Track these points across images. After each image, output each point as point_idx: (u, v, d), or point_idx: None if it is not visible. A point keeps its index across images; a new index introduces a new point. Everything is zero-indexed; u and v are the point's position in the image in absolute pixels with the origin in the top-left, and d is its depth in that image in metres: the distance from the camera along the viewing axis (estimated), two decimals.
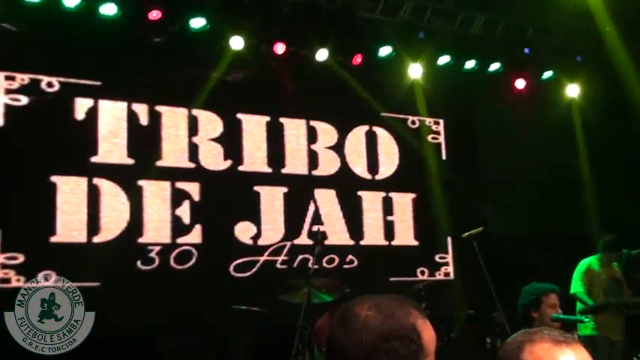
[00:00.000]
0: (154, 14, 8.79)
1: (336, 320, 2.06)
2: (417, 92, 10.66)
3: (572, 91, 11.46)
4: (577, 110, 11.52)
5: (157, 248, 8.79)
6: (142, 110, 8.97)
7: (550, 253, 9.56)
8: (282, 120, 9.90)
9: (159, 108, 9.09)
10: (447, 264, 10.63)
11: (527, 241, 10.16)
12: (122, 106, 8.86)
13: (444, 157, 11.02)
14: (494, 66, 10.76)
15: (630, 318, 8.30)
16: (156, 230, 8.84)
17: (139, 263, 8.68)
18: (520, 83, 11.09)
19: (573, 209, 10.87)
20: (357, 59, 10.08)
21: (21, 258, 7.99)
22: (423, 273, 10.36)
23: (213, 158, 9.34)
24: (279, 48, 9.62)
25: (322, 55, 9.74)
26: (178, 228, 8.97)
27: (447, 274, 10.54)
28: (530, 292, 5.47)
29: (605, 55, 10.76)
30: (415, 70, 10.39)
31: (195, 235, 9.05)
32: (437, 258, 10.59)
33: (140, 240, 8.75)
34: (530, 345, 2.07)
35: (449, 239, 10.60)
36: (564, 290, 8.62)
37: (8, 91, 8.26)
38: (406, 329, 1.96)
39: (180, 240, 8.95)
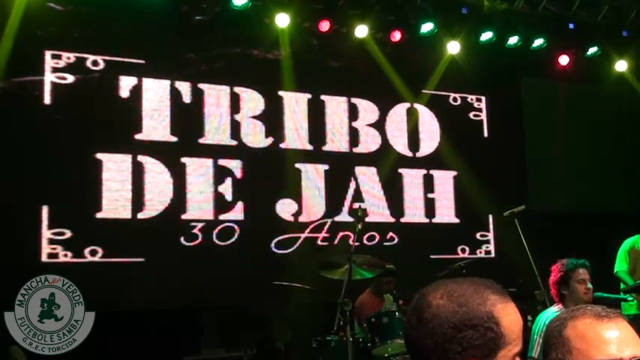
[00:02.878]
0: None
1: (410, 308, 2.00)
2: (458, 69, 10.57)
3: (621, 66, 11.24)
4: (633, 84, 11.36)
5: (200, 225, 8.92)
6: (184, 88, 9.07)
7: (597, 232, 9.53)
8: (324, 97, 9.93)
9: (201, 86, 9.18)
10: (488, 242, 10.65)
11: (571, 219, 10.14)
12: (165, 84, 8.97)
13: (485, 134, 10.98)
14: (538, 42, 10.57)
15: None
16: (199, 207, 8.97)
17: (182, 239, 8.80)
18: (564, 59, 10.90)
19: (621, 187, 10.86)
20: (396, 36, 9.99)
21: (68, 234, 8.16)
22: (464, 251, 10.39)
23: (255, 136, 9.42)
24: (324, 25, 9.55)
25: (362, 31, 9.67)
26: (221, 205, 9.08)
27: (488, 252, 10.57)
28: (558, 269, 5.46)
29: None
30: (455, 47, 10.34)
31: (238, 212, 9.15)
32: (478, 236, 10.60)
33: (183, 217, 8.87)
34: (572, 321, 2.07)
35: (490, 217, 10.59)
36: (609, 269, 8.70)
37: (55, 70, 8.38)
38: (481, 318, 1.89)
39: (222, 217, 9.07)
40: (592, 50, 10.93)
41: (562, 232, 9.59)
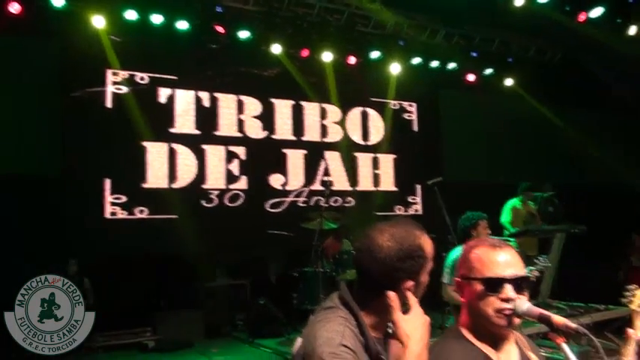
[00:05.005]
0: (220, 29, 8.98)
1: (363, 249, 2.07)
2: (398, 82, 10.75)
3: (508, 82, 11.59)
4: (516, 97, 11.64)
5: (216, 192, 9.12)
6: (204, 96, 9.24)
7: (490, 196, 9.82)
8: (303, 103, 10.09)
9: (216, 94, 9.34)
10: (416, 203, 10.93)
11: (475, 187, 10.41)
12: (191, 93, 9.14)
13: (415, 129, 11.22)
14: (452, 65, 10.97)
15: (541, 239, 8.72)
16: (215, 179, 9.14)
17: (203, 202, 9.02)
18: (470, 77, 11.23)
19: (510, 164, 11.19)
20: (352, 60, 10.23)
21: (124, 198, 8.43)
22: (399, 209, 10.69)
23: (255, 129, 9.57)
24: (304, 52, 9.81)
25: (328, 57, 9.94)
26: (230, 178, 9.26)
27: (416, 211, 10.84)
28: (471, 218, 5.64)
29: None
30: (394, 68, 10.56)
31: (242, 183, 9.33)
32: (409, 199, 10.88)
33: (204, 186, 9.06)
34: (475, 248, 2.14)
35: (418, 186, 10.87)
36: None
37: (114, 83, 8.59)
38: (415, 250, 2.01)
39: (231, 186, 9.24)
40: (488, 71, 11.32)
41: (469, 196, 9.77)
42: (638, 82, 11.33)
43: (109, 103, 8.54)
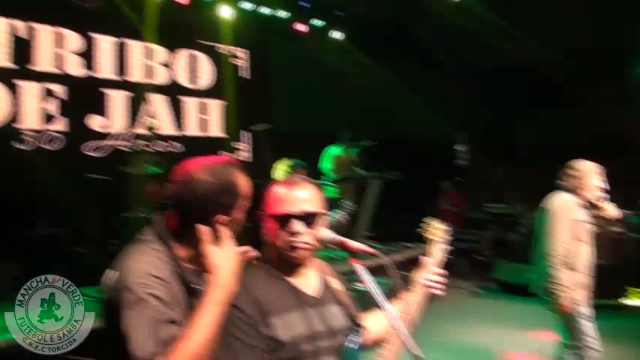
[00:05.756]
0: None
1: (182, 185, 2.19)
2: (228, 27, 10.80)
3: (336, 35, 12.16)
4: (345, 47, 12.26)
5: (32, 133, 8.69)
6: (21, 26, 8.67)
7: (317, 146, 10.35)
8: (127, 41, 9.82)
9: (35, 25, 8.78)
10: (244, 150, 11.24)
11: (303, 137, 10.88)
12: (6, 21, 8.53)
13: (245, 75, 11.41)
14: (283, 14, 11.15)
15: (360, 186, 9.48)
16: (30, 119, 8.69)
17: (17, 144, 8.56)
18: (301, 27, 11.57)
19: (334, 114, 11.79)
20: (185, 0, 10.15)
21: None
22: (227, 156, 10.86)
23: (75, 66, 9.20)
24: None
25: None
26: (48, 118, 8.86)
27: (243, 157, 11.12)
28: (291, 165, 6.07)
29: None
30: (226, 12, 10.60)
31: (61, 125, 8.98)
32: (237, 146, 11.15)
33: (18, 126, 8.58)
34: (273, 187, 2.28)
35: (246, 133, 11.15)
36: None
37: None
38: (229, 186, 2.16)
39: (49, 127, 8.87)
40: (319, 23, 11.73)
41: (298, 145, 10.03)
42: (455, 44, 12.44)
43: None
